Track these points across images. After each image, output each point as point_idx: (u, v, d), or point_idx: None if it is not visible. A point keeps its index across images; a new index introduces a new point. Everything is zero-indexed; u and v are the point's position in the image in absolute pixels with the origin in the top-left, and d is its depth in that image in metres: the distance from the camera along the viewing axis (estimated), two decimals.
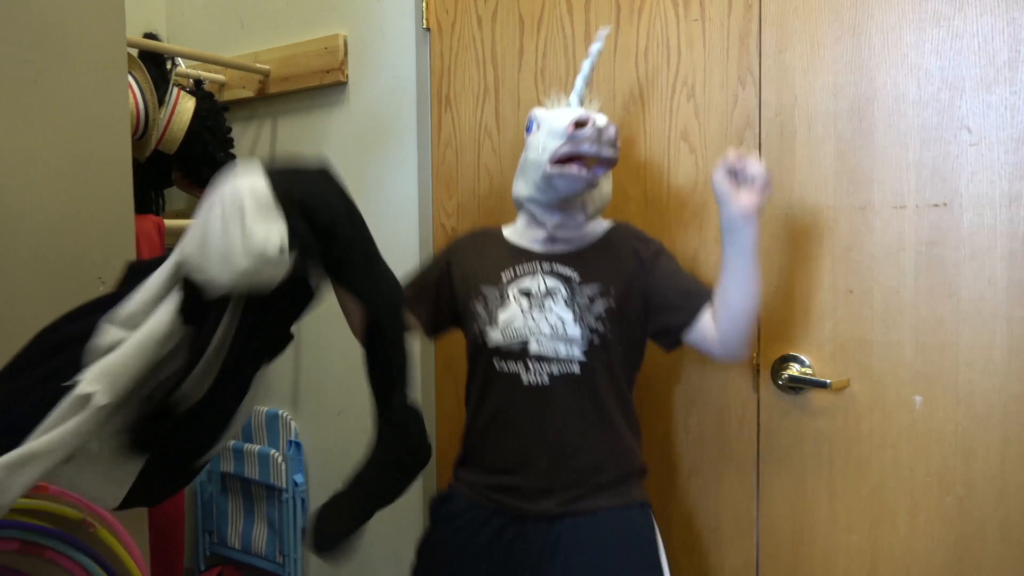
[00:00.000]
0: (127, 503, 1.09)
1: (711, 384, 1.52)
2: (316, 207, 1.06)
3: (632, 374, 1.38)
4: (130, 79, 1.73)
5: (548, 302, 1.30)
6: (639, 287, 1.33)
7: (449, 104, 1.84)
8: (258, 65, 2.05)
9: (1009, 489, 1.26)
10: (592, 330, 1.28)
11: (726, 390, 1.51)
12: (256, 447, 2.13)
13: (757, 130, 1.45)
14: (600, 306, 1.29)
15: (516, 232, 1.41)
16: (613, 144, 1.23)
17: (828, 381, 1.37)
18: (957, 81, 1.28)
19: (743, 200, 1.21)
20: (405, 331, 1.15)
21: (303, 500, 2.09)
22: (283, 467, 2.08)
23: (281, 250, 0.97)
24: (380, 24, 1.89)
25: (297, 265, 1.00)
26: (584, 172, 1.23)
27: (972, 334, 1.28)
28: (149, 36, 2.05)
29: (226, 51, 2.15)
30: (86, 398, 0.94)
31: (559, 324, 1.28)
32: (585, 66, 1.37)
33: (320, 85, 1.97)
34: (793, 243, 1.42)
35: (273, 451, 2.09)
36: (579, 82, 1.37)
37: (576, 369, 1.28)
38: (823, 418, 1.41)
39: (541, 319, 1.29)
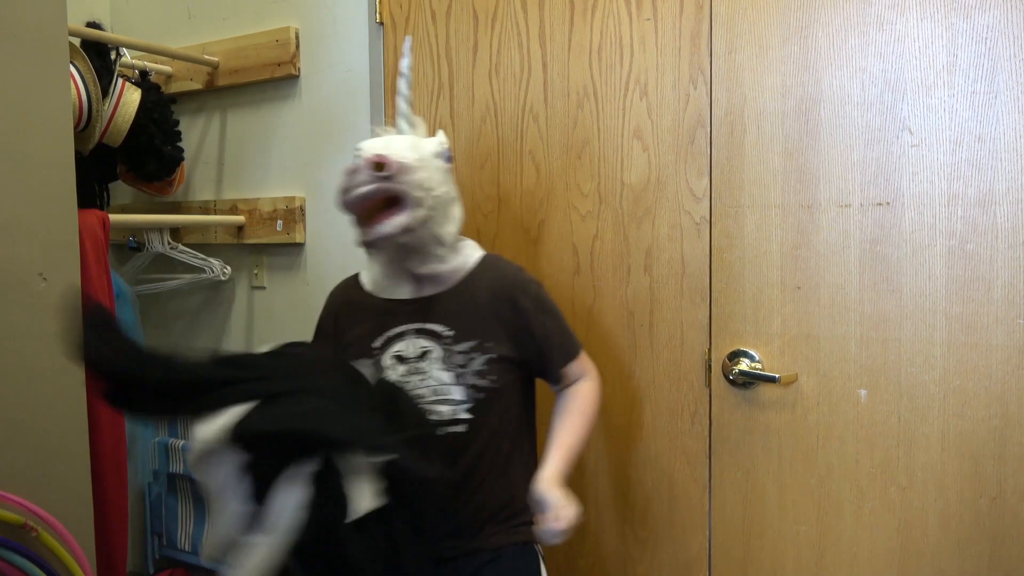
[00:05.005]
0: None
1: (664, 379, 1.55)
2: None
3: (529, 404, 1.39)
4: (72, 69, 1.67)
5: (423, 364, 1.27)
6: (520, 338, 1.31)
7: None
8: (206, 57, 2.00)
9: (948, 479, 1.30)
10: (474, 387, 1.27)
11: (679, 384, 1.53)
12: None
13: (708, 129, 1.47)
14: (478, 362, 1.27)
15: (377, 282, 1.36)
16: (389, 177, 1.19)
17: (777, 375, 1.40)
18: (899, 84, 1.31)
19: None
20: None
21: None
22: None
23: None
24: (332, 17, 1.87)
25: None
26: (378, 228, 1.21)
27: (913, 329, 1.32)
28: (92, 25, 1.99)
29: (173, 42, 2.10)
30: None
31: (439, 386, 1.27)
32: (401, 85, 1.33)
33: (271, 78, 1.94)
34: (742, 240, 1.45)
35: None
36: (400, 104, 1.33)
37: (461, 428, 1.26)
38: (772, 411, 1.44)
39: (420, 383, 1.27)
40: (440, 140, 1.33)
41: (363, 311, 1.36)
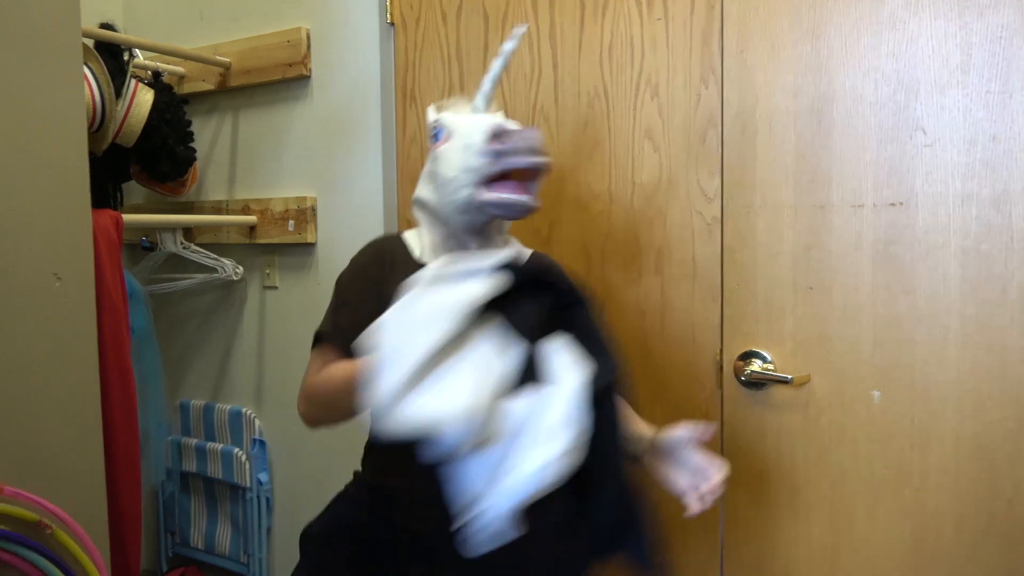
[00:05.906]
0: None
1: (675, 379, 1.54)
2: None
3: None
4: (85, 70, 1.68)
5: None
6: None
7: (414, 100, 1.83)
8: (218, 57, 2.01)
9: (962, 481, 1.29)
10: None
11: (690, 385, 1.53)
12: (219, 446, 2.10)
13: (719, 129, 1.47)
14: None
15: (426, 247, 1.26)
16: (542, 150, 1.15)
17: (790, 377, 1.40)
18: (912, 83, 1.30)
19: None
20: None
21: (267, 499, 2.07)
22: (247, 466, 2.05)
23: None
24: (343, 18, 1.87)
25: None
26: (524, 196, 1.14)
27: (927, 330, 1.31)
28: (105, 26, 2.00)
29: (185, 43, 2.11)
30: None
31: None
32: (496, 66, 1.26)
33: (283, 79, 1.95)
34: (754, 240, 1.45)
35: (237, 450, 2.07)
36: (487, 84, 1.25)
37: None
38: (785, 413, 1.44)
39: None
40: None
41: (407, 273, 1.20)
